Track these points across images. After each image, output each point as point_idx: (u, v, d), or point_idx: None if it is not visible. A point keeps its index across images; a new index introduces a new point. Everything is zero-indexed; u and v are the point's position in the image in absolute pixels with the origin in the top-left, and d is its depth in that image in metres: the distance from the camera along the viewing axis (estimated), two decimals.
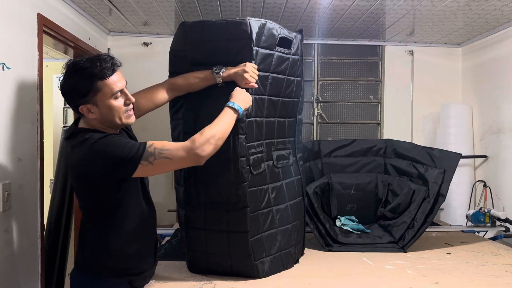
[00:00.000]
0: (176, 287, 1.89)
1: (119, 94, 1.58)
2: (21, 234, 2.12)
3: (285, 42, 2.06)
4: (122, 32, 3.56)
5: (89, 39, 3.09)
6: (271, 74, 2.02)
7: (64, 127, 3.87)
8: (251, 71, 1.87)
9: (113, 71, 1.57)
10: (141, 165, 1.52)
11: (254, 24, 1.89)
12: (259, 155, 1.99)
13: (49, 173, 3.31)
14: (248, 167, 1.91)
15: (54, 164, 3.54)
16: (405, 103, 3.86)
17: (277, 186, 2.09)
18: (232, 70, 1.89)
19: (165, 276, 2.01)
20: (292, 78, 2.16)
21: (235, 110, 1.76)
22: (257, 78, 1.90)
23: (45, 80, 2.36)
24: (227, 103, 1.78)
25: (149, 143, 1.55)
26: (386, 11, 2.93)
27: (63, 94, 1.58)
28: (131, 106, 1.64)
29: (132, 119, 1.66)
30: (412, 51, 3.84)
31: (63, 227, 3.15)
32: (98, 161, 1.51)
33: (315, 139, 3.74)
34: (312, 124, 3.81)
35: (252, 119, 1.95)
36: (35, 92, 2.26)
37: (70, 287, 1.72)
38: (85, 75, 1.52)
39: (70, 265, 3.22)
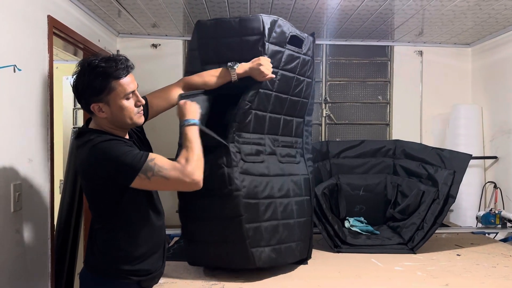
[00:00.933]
0: (185, 287, 1.89)
1: (131, 95, 1.59)
2: (32, 234, 2.14)
3: (296, 41, 2.08)
4: (131, 33, 3.58)
5: (99, 41, 3.11)
6: (280, 71, 2.03)
7: (73, 128, 3.90)
8: (266, 63, 1.91)
9: (128, 72, 1.58)
10: (139, 177, 1.50)
11: (267, 19, 1.94)
12: (256, 146, 2.02)
13: (59, 174, 3.34)
14: (237, 152, 1.93)
15: (64, 165, 3.57)
16: (414, 104, 3.84)
17: (281, 180, 2.09)
18: (247, 66, 1.92)
19: (173, 276, 2.01)
20: (302, 78, 2.16)
21: (193, 124, 1.69)
22: (271, 70, 1.93)
23: (55, 81, 2.38)
24: (183, 123, 1.69)
25: (151, 156, 1.54)
26: (395, 11, 2.92)
27: (76, 92, 1.58)
28: (141, 107, 1.66)
29: (142, 119, 1.67)
30: (421, 51, 3.82)
31: (72, 227, 3.18)
32: (99, 164, 1.53)
33: (323, 140, 3.74)
34: (320, 125, 3.80)
35: (253, 110, 1.97)
36: (46, 94, 2.28)
37: (79, 287, 1.73)
38: (101, 74, 1.53)
39: (79, 265, 3.24)
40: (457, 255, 2.39)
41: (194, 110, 1.76)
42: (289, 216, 2.11)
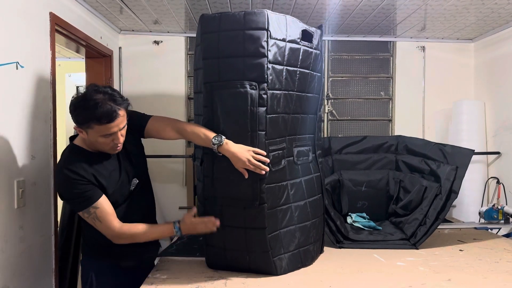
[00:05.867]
0: (188, 283, 1.89)
1: (109, 136, 1.77)
2: (35, 231, 2.15)
3: (306, 36, 2.04)
4: (133, 30, 3.58)
5: (101, 37, 3.12)
6: (299, 69, 1.99)
7: None
8: (254, 159, 1.82)
9: (111, 121, 1.72)
10: (81, 212, 1.83)
11: (273, 16, 1.87)
12: (280, 151, 1.96)
13: None
14: (267, 164, 1.89)
15: None
16: (416, 100, 3.83)
17: (296, 183, 2.06)
18: (233, 149, 1.83)
19: (176, 271, 2.02)
20: (314, 73, 2.13)
21: (175, 231, 1.94)
22: (260, 166, 1.84)
23: (57, 79, 2.39)
24: (175, 221, 1.95)
25: (97, 204, 1.80)
26: (397, 7, 2.91)
27: (69, 107, 1.78)
28: (118, 145, 1.83)
29: (116, 151, 1.86)
30: (423, 46, 3.81)
31: (76, 224, 3.18)
32: (59, 186, 1.89)
33: (325, 136, 3.74)
34: (323, 121, 3.79)
35: (279, 115, 1.93)
36: (48, 91, 2.29)
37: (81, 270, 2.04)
38: (85, 113, 1.72)
39: None
40: (460, 250, 2.39)
41: (190, 230, 1.96)
42: (305, 219, 2.10)
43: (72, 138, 1.92)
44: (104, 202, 1.82)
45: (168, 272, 1.99)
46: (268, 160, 1.86)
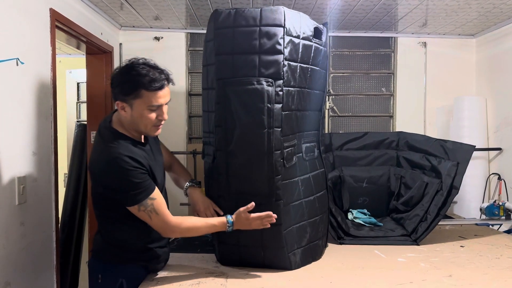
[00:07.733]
0: (189, 278, 1.90)
1: (155, 108, 1.66)
2: (37, 227, 2.16)
3: (317, 33, 2.05)
4: (133, 26, 3.57)
5: (101, 34, 3.11)
6: (311, 66, 2.00)
7: (77, 121, 3.92)
8: (209, 212, 1.94)
9: (160, 88, 1.65)
10: (133, 207, 1.65)
11: (288, 12, 1.87)
12: (292, 148, 1.97)
13: (63, 167, 3.36)
14: (282, 160, 1.89)
15: (68, 158, 3.58)
16: (418, 96, 3.82)
17: (306, 179, 2.07)
18: (197, 197, 2.02)
19: (177, 267, 2.02)
20: (322, 70, 2.14)
21: (228, 226, 1.82)
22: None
23: (58, 75, 2.39)
24: (229, 217, 1.83)
25: (153, 195, 1.65)
26: (399, 2, 2.89)
27: (111, 84, 1.69)
28: (162, 122, 1.72)
29: (157, 133, 1.76)
30: (425, 42, 3.80)
31: (77, 220, 3.20)
32: (110, 176, 1.63)
33: (326, 132, 3.73)
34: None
35: (292, 112, 1.93)
36: (49, 87, 2.29)
37: (88, 274, 1.82)
38: (134, 80, 1.62)
39: (84, 258, 3.27)
40: (461, 246, 2.39)
41: (244, 225, 1.84)
42: (315, 214, 2.11)
43: (104, 126, 1.73)
44: (159, 193, 1.70)
45: (169, 268, 1.99)
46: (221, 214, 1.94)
